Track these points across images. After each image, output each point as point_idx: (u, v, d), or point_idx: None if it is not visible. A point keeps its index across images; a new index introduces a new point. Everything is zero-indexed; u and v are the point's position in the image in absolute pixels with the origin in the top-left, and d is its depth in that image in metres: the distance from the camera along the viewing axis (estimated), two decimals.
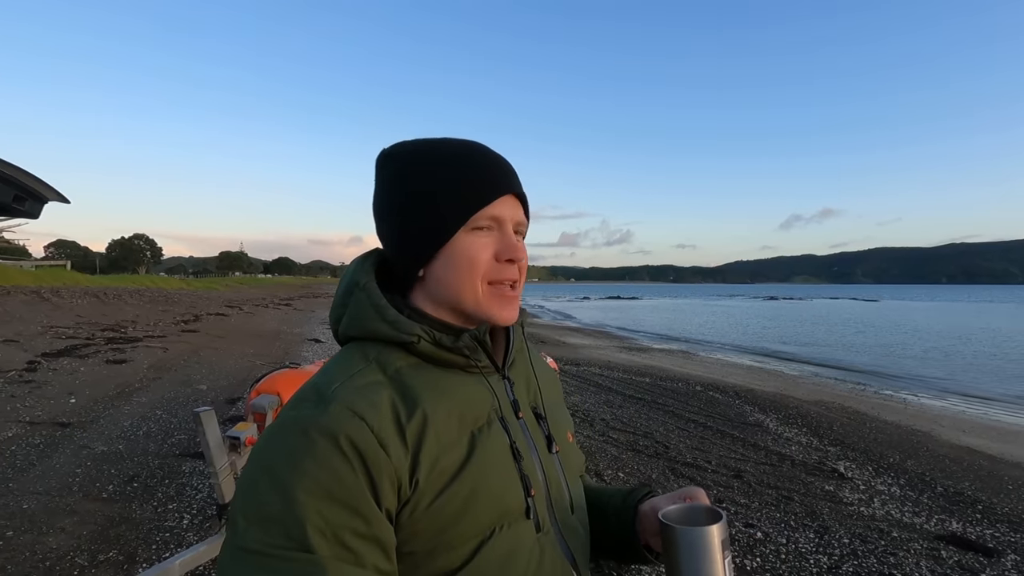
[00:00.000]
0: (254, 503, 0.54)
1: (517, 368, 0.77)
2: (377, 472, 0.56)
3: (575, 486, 0.78)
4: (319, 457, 0.54)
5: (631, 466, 4.85)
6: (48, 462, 4.41)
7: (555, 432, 0.76)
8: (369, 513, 0.55)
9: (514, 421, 0.70)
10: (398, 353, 0.66)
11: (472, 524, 0.60)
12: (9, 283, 22.71)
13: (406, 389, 0.62)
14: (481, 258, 0.66)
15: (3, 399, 6.29)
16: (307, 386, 0.63)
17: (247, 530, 0.53)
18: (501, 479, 0.64)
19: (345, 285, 0.70)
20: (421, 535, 0.59)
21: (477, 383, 0.68)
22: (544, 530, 0.67)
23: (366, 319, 0.66)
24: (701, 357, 15.12)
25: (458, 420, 0.63)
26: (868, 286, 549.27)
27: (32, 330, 12.35)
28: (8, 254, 38.65)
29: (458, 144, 0.70)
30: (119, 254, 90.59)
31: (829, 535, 3.56)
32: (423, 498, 0.58)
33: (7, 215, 1.87)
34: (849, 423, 6.87)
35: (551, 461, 0.73)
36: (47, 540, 3.15)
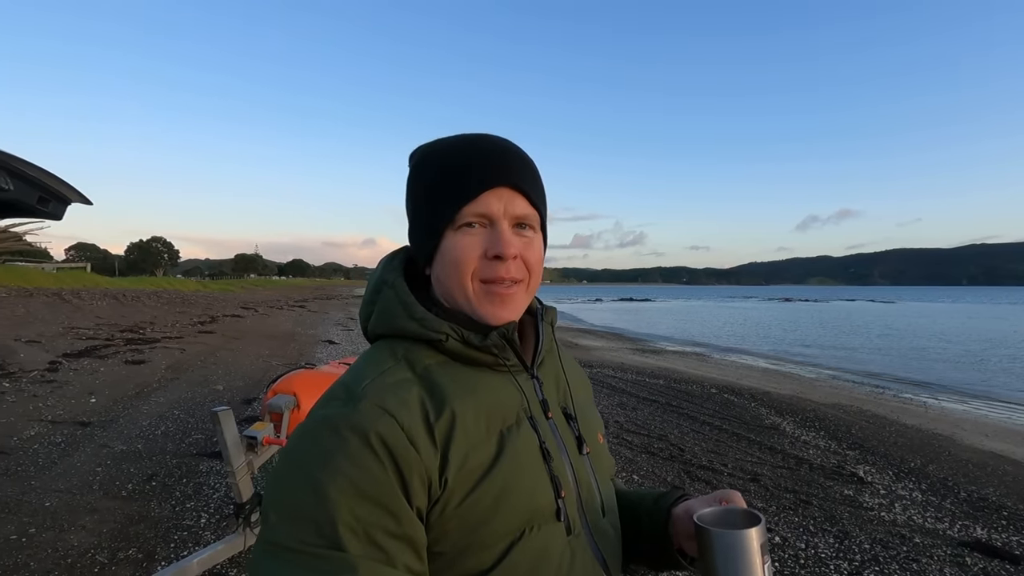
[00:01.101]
0: (286, 499, 0.54)
1: (546, 367, 0.76)
2: (407, 470, 0.55)
3: (606, 488, 0.76)
4: (350, 454, 0.54)
5: (646, 469, 4.81)
6: (69, 460, 4.48)
7: (585, 433, 0.75)
8: (400, 511, 0.55)
9: (543, 421, 0.69)
10: (427, 351, 0.65)
11: (502, 525, 0.60)
12: (32, 285, 23.17)
13: (435, 387, 0.62)
14: (469, 257, 0.64)
15: (26, 398, 6.41)
16: (337, 384, 0.63)
17: (278, 526, 0.53)
18: (530, 479, 0.63)
19: (374, 283, 0.70)
20: (451, 535, 0.58)
21: (506, 382, 0.67)
22: (575, 532, 0.66)
23: (394, 317, 0.66)
24: (716, 359, 14.99)
25: (487, 419, 0.63)
26: (885, 288, 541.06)
27: (54, 331, 12.58)
28: (30, 257, 39.47)
29: (457, 138, 0.69)
30: (137, 256, 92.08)
31: (849, 540, 3.50)
32: (453, 497, 0.58)
33: (31, 216, 1.90)
34: (868, 426, 6.75)
35: (581, 462, 0.72)
36: (68, 537, 3.20)
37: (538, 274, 0.70)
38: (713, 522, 0.64)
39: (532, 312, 0.78)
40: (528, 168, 0.69)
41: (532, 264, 0.68)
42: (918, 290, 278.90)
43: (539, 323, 0.77)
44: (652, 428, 6.20)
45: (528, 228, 0.68)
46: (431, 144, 0.70)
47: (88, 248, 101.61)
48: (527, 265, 0.67)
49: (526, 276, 0.68)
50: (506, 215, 0.65)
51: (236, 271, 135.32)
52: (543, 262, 0.71)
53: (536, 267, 0.69)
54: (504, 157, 0.67)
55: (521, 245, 0.66)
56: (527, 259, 0.67)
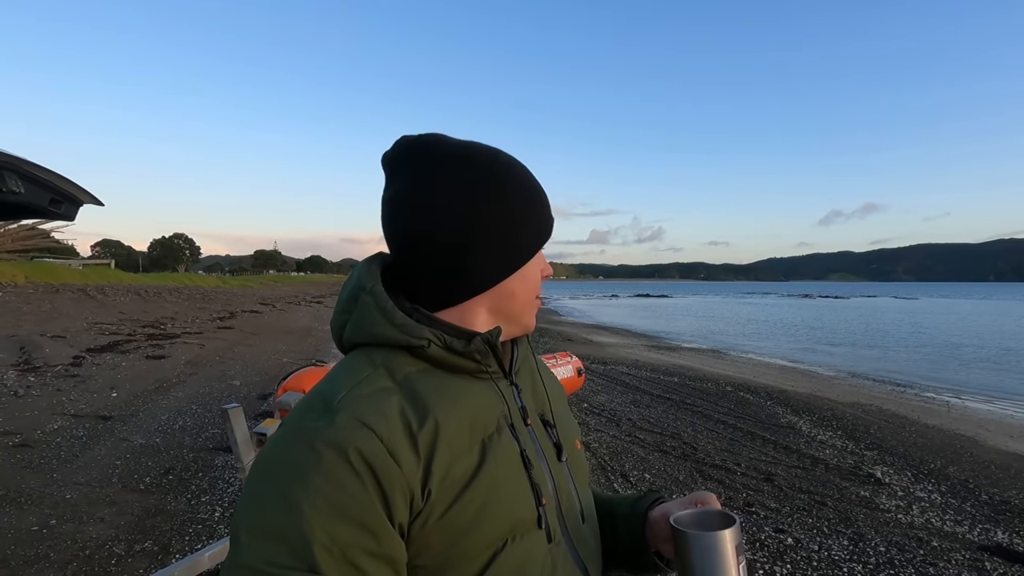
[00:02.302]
0: (258, 518, 0.52)
1: (523, 374, 0.76)
2: (388, 485, 0.54)
3: (585, 495, 0.76)
4: (326, 471, 0.52)
5: (657, 467, 4.78)
6: (90, 454, 4.59)
7: (564, 440, 0.74)
8: (379, 530, 0.53)
9: (523, 428, 0.69)
10: (406, 358, 0.63)
11: (484, 535, 0.59)
12: (58, 281, 23.77)
13: (416, 395, 0.60)
14: (538, 276, 0.73)
15: (50, 392, 6.59)
16: (312, 394, 0.61)
17: (250, 546, 0.51)
18: (512, 488, 0.62)
19: (350, 290, 0.68)
20: (433, 548, 0.57)
21: (486, 389, 0.67)
22: (555, 540, 0.66)
23: (372, 323, 0.64)
24: (732, 356, 14.83)
25: (469, 427, 0.62)
26: (909, 284, 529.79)
27: (78, 326, 12.90)
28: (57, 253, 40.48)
29: (521, 167, 0.72)
30: (160, 253, 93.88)
31: (864, 543, 3.44)
32: (435, 509, 0.56)
33: (44, 218, 1.94)
34: (887, 426, 6.63)
35: (560, 469, 0.71)
36: (87, 529, 3.28)
37: None
38: (689, 524, 0.64)
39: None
40: None
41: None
42: (943, 286, 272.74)
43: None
44: (665, 426, 6.16)
45: None
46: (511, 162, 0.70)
47: (113, 245, 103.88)
48: None
49: None
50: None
51: (255, 267, 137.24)
52: None
53: None
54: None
55: None
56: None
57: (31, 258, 29.39)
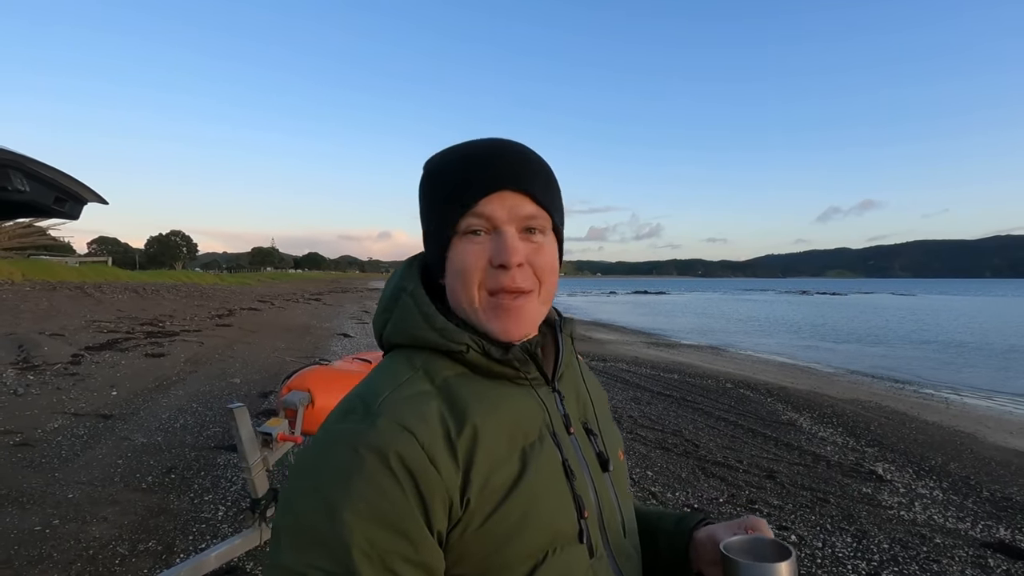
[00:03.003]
0: (299, 520, 0.53)
1: (567, 381, 0.73)
2: (428, 491, 0.53)
3: (627, 508, 0.74)
4: (367, 476, 0.52)
5: (660, 464, 4.78)
6: (91, 453, 4.58)
7: (608, 449, 0.72)
8: (418, 537, 0.53)
9: (565, 437, 0.67)
10: (445, 362, 0.63)
11: (524, 547, 0.57)
12: (55, 279, 23.67)
13: (455, 401, 0.59)
14: (473, 265, 0.61)
15: (50, 391, 6.56)
16: (353, 396, 0.61)
17: (290, 549, 0.52)
18: (553, 499, 0.61)
19: (391, 290, 0.68)
20: (471, 557, 0.56)
21: (527, 396, 0.65)
22: (597, 555, 0.64)
23: (413, 326, 0.63)
24: (731, 353, 14.85)
25: (508, 435, 0.60)
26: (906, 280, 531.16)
27: (76, 324, 12.85)
28: (54, 251, 40.34)
29: (463, 144, 0.67)
30: (157, 250, 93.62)
31: (868, 540, 3.45)
32: (474, 518, 0.56)
33: (49, 216, 1.93)
34: (887, 423, 6.65)
35: (603, 481, 0.70)
36: (90, 529, 3.27)
37: (550, 282, 0.65)
38: (740, 552, 0.61)
39: (551, 323, 0.75)
40: (533, 168, 0.65)
41: (542, 270, 0.64)
42: (940, 283, 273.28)
43: (559, 334, 0.74)
44: (666, 423, 6.17)
45: (537, 232, 0.64)
46: (440, 152, 0.68)
47: (109, 242, 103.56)
48: (536, 272, 0.63)
49: (536, 285, 0.64)
50: (511, 219, 0.62)
51: (253, 264, 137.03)
52: (557, 269, 0.66)
53: (547, 274, 0.64)
54: (506, 159, 0.63)
55: (529, 251, 0.63)
56: (536, 265, 0.63)
57: (28, 255, 29.27)
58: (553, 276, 0.66)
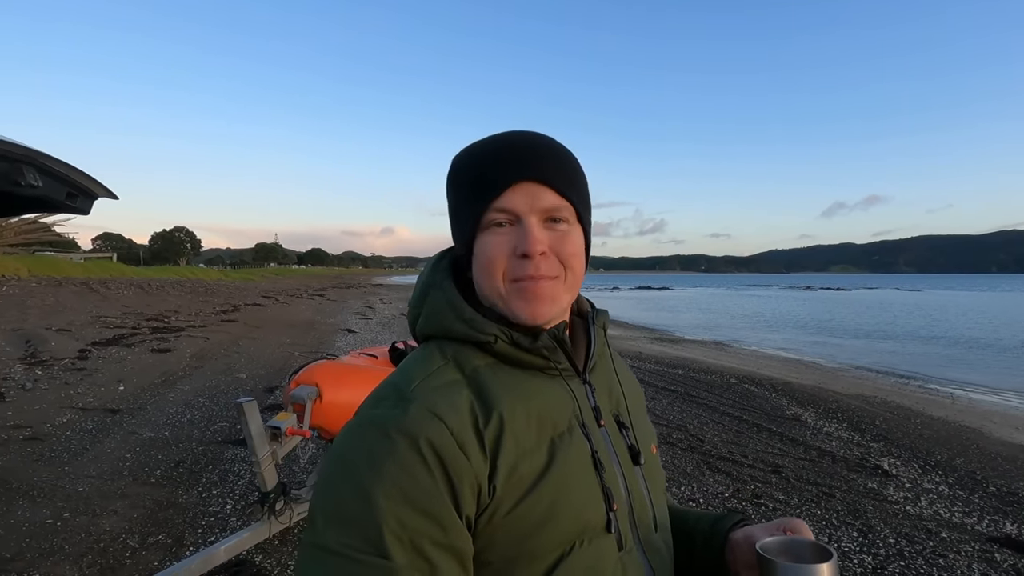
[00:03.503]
0: (333, 502, 0.54)
1: (599, 373, 0.74)
2: (458, 477, 0.55)
3: (659, 503, 0.74)
4: (399, 460, 0.54)
5: (665, 459, 4.79)
6: (100, 447, 4.61)
7: (639, 443, 0.72)
8: (448, 521, 0.54)
9: (595, 429, 0.67)
10: (475, 352, 0.64)
11: (552, 537, 0.58)
12: (61, 275, 23.80)
13: (484, 390, 0.61)
14: (497, 256, 0.63)
15: (58, 386, 6.61)
16: (386, 384, 0.62)
17: (325, 529, 0.53)
18: (582, 490, 0.61)
19: (422, 285, 0.70)
20: (499, 544, 0.57)
21: (557, 386, 0.66)
22: (627, 548, 0.64)
23: (442, 317, 0.65)
24: (735, 348, 14.84)
25: (537, 425, 0.61)
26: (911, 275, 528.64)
27: (83, 320, 12.92)
28: (59, 247, 40.53)
29: (486, 139, 0.68)
30: (161, 246, 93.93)
31: (873, 534, 3.46)
32: (501, 506, 0.57)
33: (60, 211, 1.94)
34: (892, 418, 6.63)
35: (634, 474, 0.70)
36: (101, 522, 3.30)
37: (577, 268, 0.66)
38: (777, 553, 0.60)
39: (583, 315, 0.76)
40: (555, 158, 0.65)
41: (567, 257, 0.64)
42: (946, 278, 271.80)
43: (591, 326, 0.74)
44: (671, 418, 6.17)
45: (562, 221, 0.65)
46: (465, 148, 0.69)
47: (114, 238, 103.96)
48: (561, 259, 0.64)
49: (561, 272, 0.65)
50: (533, 210, 0.63)
51: (257, 260, 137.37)
52: (583, 254, 0.67)
53: (573, 260, 0.65)
54: (526, 150, 0.64)
55: (552, 239, 0.64)
56: (561, 253, 0.64)
57: (33, 251, 29.41)
58: (578, 262, 0.66)
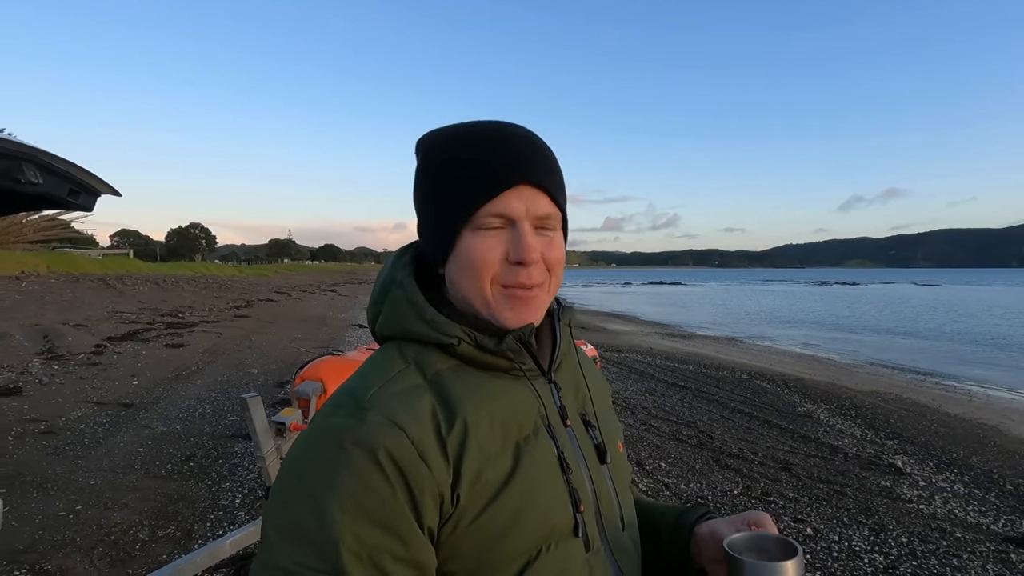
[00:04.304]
0: (287, 518, 0.52)
1: (564, 371, 0.72)
2: (419, 488, 0.52)
3: (626, 501, 0.72)
4: (356, 472, 0.51)
5: (674, 456, 4.76)
6: (113, 440, 4.68)
7: (606, 441, 0.71)
8: (408, 534, 0.52)
9: (562, 430, 0.65)
10: (438, 355, 0.61)
11: (517, 543, 0.57)
12: (79, 271, 24.21)
13: (446, 395, 0.58)
14: (488, 260, 0.60)
15: (74, 380, 6.72)
16: (343, 390, 0.60)
17: (279, 546, 0.51)
18: (549, 494, 0.60)
19: (382, 281, 0.67)
20: (463, 554, 0.55)
21: (522, 388, 0.64)
22: (594, 549, 0.63)
23: (403, 318, 0.62)
24: (747, 344, 14.70)
25: (502, 429, 0.59)
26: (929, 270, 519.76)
27: (99, 315, 13.12)
28: (78, 243, 41.21)
29: (475, 128, 0.64)
30: (177, 242, 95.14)
31: (886, 533, 3.40)
32: (465, 514, 0.55)
33: (63, 208, 1.95)
34: (907, 415, 6.53)
35: (601, 473, 0.68)
36: (112, 515, 3.34)
37: (559, 274, 0.66)
38: (744, 550, 0.60)
39: (549, 313, 0.73)
40: (551, 163, 0.64)
41: (553, 264, 0.64)
42: (965, 272, 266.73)
43: (556, 324, 0.72)
44: (681, 414, 6.13)
45: (549, 229, 0.64)
46: (443, 132, 0.65)
47: (131, 235, 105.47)
48: (548, 266, 0.63)
49: (547, 278, 0.64)
50: (528, 216, 0.61)
51: (270, 256, 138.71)
52: (564, 260, 0.67)
53: (557, 267, 0.64)
54: (527, 152, 0.62)
55: (542, 246, 0.62)
56: (548, 260, 0.63)
57: (52, 248, 29.93)
58: (561, 268, 0.66)
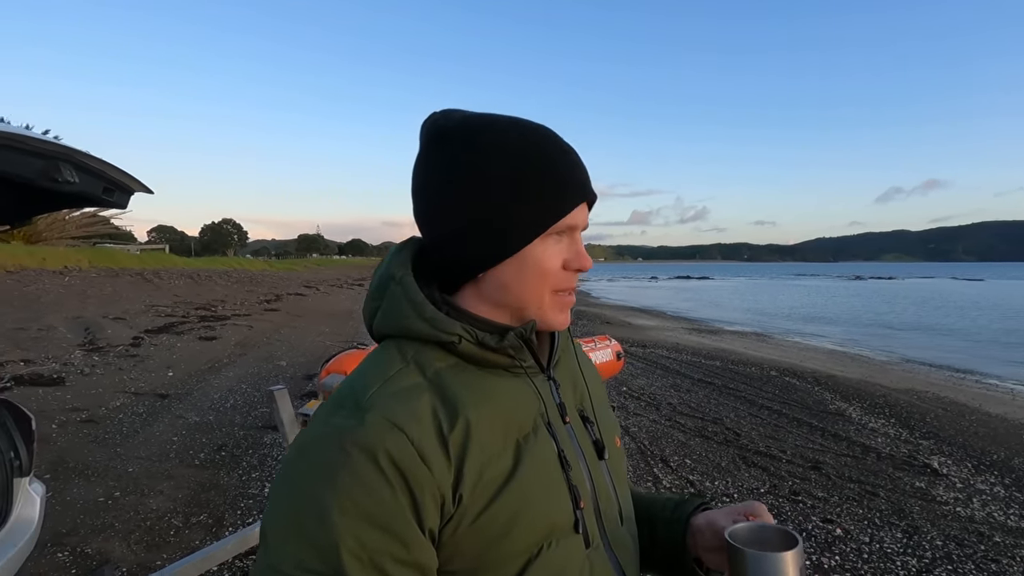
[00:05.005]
0: (286, 519, 0.52)
1: (562, 368, 0.72)
2: (419, 489, 0.52)
3: (624, 495, 0.73)
4: (356, 474, 0.51)
5: (699, 453, 4.70)
6: (150, 430, 4.85)
7: (604, 437, 0.71)
8: (409, 536, 0.52)
9: (561, 427, 0.66)
10: (437, 353, 0.61)
11: (519, 541, 0.57)
12: (118, 266, 25.03)
13: (447, 394, 0.58)
14: (552, 268, 0.62)
15: (113, 371, 6.98)
16: (343, 389, 0.60)
17: (279, 548, 0.51)
18: (549, 491, 0.60)
19: (379, 278, 0.66)
20: (465, 553, 0.55)
21: (522, 385, 0.64)
22: (593, 545, 0.63)
23: (402, 316, 0.61)
24: (777, 340, 14.40)
25: (503, 427, 0.59)
26: (971, 264, 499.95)
27: (137, 308, 13.58)
28: (117, 239, 42.66)
29: (537, 134, 0.62)
30: (210, 238, 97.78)
31: (919, 536, 3.30)
32: (467, 514, 0.55)
33: (99, 206, 2.02)
34: (945, 414, 6.31)
35: (599, 469, 0.68)
36: (148, 501, 3.47)
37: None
38: (746, 541, 0.60)
39: None
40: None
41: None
42: (1010, 267, 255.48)
43: None
44: (707, 411, 6.05)
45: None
46: (480, 124, 0.62)
47: (167, 230, 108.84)
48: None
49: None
50: (581, 228, 0.65)
51: (299, 251, 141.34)
52: None
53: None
54: (583, 166, 0.65)
55: None
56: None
57: (93, 244, 31.08)
58: None
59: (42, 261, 19.34)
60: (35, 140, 1.51)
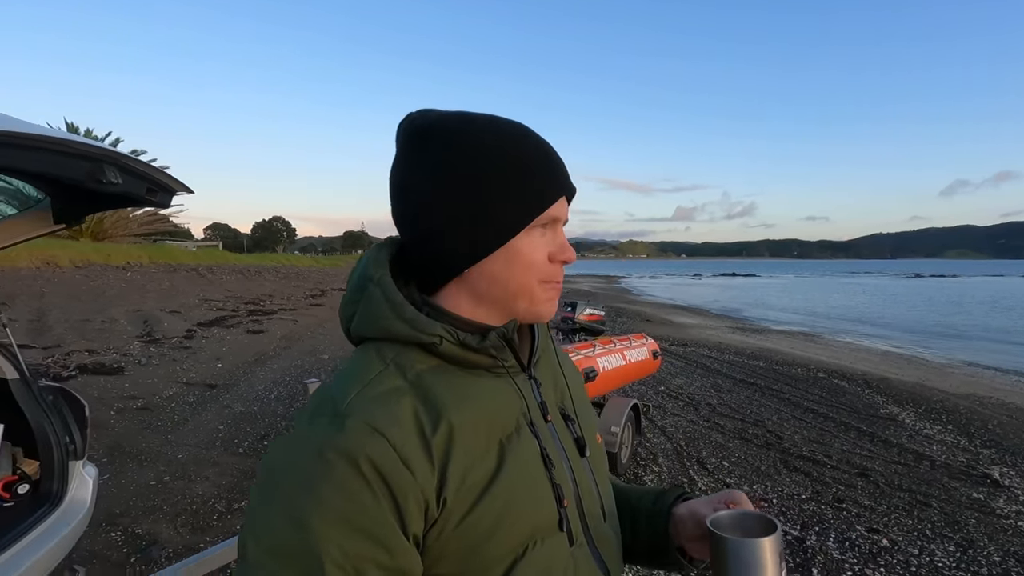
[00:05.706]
0: (266, 530, 0.51)
1: (543, 367, 0.71)
2: (402, 495, 0.51)
3: (606, 492, 0.73)
4: (337, 482, 0.50)
5: (737, 455, 4.57)
6: (198, 418, 5.08)
7: (585, 434, 0.71)
8: (393, 543, 0.51)
9: (543, 426, 0.65)
10: (418, 354, 0.60)
11: (504, 542, 0.56)
12: (175, 262, 26.36)
13: (428, 396, 0.57)
14: (539, 259, 0.63)
15: (167, 362, 7.35)
16: (323, 394, 0.58)
17: (259, 560, 0.50)
18: (533, 491, 0.59)
19: (357, 279, 0.65)
20: (450, 557, 0.55)
21: (504, 386, 0.63)
22: (577, 542, 0.63)
23: (381, 317, 0.60)
24: (826, 340, 13.84)
25: (486, 428, 0.58)
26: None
27: (191, 302, 14.26)
28: (176, 236, 44.90)
29: (516, 130, 0.64)
30: (261, 235, 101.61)
31: (975, 550, 3.11)
32: (452, 517, 0.54)
33: (143, 205, 2.13)
34: (1010, 422, 5.91)
35: (581, 466, 0.68)
36: (194, 486, 3.64)
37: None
38: (727, 527, 0.62)
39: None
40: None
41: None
42: None
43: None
44: (748, 412, 5.87)
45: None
46: (459, 123, 0.63)
47: (221, 228, 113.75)
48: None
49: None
50: (563, 220, 0.66)
51: (345, 247, 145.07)
52: None
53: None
54: (561, 162, 0.67)
55: None
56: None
57: (154, 241, 32.84)
58: None
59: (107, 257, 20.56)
60: (80, 144, 1.60)
